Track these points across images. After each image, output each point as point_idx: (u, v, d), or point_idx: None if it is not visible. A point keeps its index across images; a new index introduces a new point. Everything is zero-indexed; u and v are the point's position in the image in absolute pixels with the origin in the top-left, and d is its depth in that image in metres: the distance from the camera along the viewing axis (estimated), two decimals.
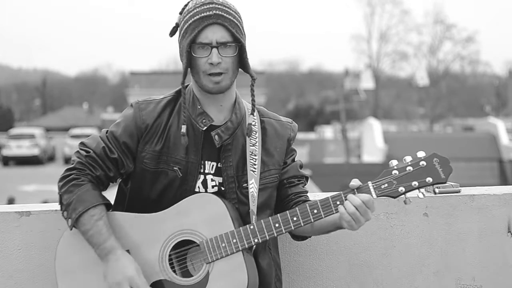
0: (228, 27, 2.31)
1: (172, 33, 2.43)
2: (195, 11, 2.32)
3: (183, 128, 2.38)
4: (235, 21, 2.34)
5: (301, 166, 2.56)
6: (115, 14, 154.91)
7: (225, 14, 2.32)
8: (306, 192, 2.56)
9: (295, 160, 2.57)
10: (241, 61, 2.38)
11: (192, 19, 2.31)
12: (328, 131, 45.93)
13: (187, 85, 2.49)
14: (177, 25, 2.41)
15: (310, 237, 2.59)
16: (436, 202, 2.92)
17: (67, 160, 34.94)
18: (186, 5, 2.40)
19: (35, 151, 34.77)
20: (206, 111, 2.42)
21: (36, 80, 75.18)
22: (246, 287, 2.30)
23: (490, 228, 2.95)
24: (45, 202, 12.94)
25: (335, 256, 2.91)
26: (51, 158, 37.84)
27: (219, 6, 2.33)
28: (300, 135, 42.53)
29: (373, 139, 35.20)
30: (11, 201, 15.79)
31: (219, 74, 2.33)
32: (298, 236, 2.58)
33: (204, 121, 2.40)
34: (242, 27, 2.37)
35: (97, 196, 2.38)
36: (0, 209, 2.79)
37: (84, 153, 2.41)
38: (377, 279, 2.92)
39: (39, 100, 74.11)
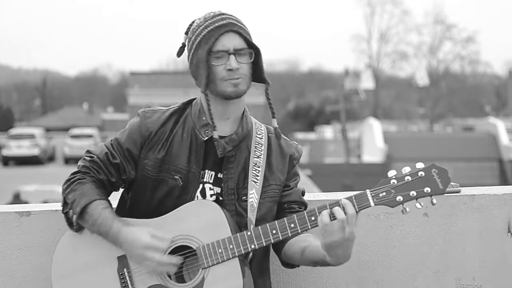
0: (243, 34, 2.37)
1: (179, 53, 2.48)
2: (207, 23, 2.36)
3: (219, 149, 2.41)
4: (246, 29, 2.40)
5: (303, 193, 2.56)
6: (115, 14, 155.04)
7: (237, 23, 2.38)
8: None
9: (298, 186, 2.57)
10: (256, 66, 2.42)
11: (206, 30, 2.35)
12: (328, 131, 45.95)
13: (195, 99, 2.52)
14: (183, 45, 2.45)
15: (298, 266, 2.56)
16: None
17: (67, 160, 34.98)
18: (191, 24, 2.44)
19: (35, 151, 34.78)
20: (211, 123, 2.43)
21: (36, 80, 75.24)
22: None
23: (490, 228, 2.95)
24: (45, 202, 12.95)
25: None
26: (51, 158, 37.85)
27: (231, 16, 2.39)
28: (300, 135, 42.54)
29: (373, 139, 35.25)
30: (17, 196, 15.80)
31: (237, 78, 2.36)
32: (287, 264, 2.55)
33: (207, 131, 2.42)
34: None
35: (101, 193, 2.40)
36: (0, 209, 2.79)
37: (88, 158, 2.46)
38: (377, 279, 2.92)
39: (39, 100, 74.17)
